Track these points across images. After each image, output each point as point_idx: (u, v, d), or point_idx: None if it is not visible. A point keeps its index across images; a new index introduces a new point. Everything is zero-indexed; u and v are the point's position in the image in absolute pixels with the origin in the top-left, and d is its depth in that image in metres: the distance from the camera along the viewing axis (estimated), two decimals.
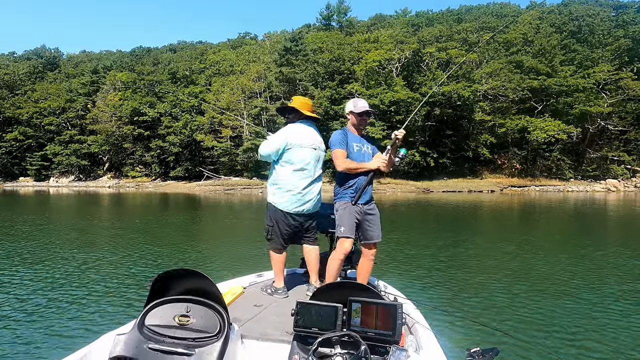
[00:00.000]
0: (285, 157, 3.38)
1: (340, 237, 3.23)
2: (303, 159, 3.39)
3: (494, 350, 1.99)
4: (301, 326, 2.11)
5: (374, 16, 69.25)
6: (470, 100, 38.90)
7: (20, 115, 55.33)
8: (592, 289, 6.05)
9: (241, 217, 17.93)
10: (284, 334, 2.45)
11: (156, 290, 2.14)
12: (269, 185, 3.52)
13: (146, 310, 2.04)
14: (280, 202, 3.41)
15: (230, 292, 3.17)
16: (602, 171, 40.79)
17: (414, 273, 6.97)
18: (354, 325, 2.07)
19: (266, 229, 3.50)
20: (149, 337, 1.96)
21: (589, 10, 49.45)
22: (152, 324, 2.00)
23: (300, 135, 3.42)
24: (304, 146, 3.41)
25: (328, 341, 1.99)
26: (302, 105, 3.54)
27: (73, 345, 3.82)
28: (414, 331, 2.59)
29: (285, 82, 42.72)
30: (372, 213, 3.38)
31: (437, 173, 40.38)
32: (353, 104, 3.47)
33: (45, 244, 9.62)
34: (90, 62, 71.76)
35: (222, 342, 1.95)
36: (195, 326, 1.99)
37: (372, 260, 3.37)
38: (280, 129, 3.54)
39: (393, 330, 2.03)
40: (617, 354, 3.93)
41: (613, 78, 40.56)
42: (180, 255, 8.37)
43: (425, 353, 2.24)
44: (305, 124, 3.52)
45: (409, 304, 3.09)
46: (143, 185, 47.45)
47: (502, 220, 16.89)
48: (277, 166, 3.43)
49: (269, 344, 2.39)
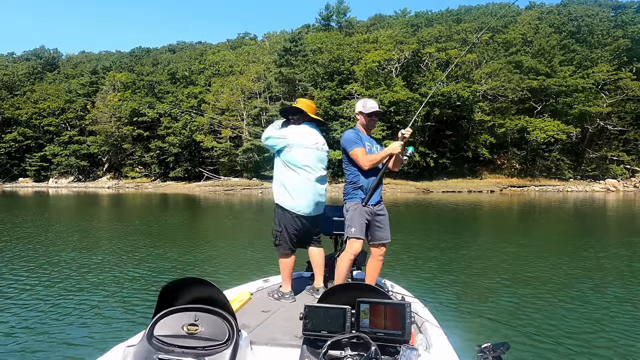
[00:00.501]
0: (289, 157, 3.35)
1: (351, 237, 3.20)
2: (307, 160, 3.37)
3: (505, 345, 1.96)
4: (310, 330, 2.10)
5: (374, 16, 69.33)
6: (469, 101, 38.97)
7: (19, 116, 55.26)
8: (595, 285, 6.14)
9: (242, 218, 17.93)
10: (293, 339, 2.44)
11: (164, 300, 2.14)
12: (276, 186, 3.46)
13: (155, 321, 2.03)
14: (289, 203, 3.37)
15: (237, 298, 3.16)
16: (602, 171, 40.88)
17: (419, 272, 7.00)
18: (363, 326, 2.06)
19: (274, 235, 3.43)
20: (158, 347, 1.96)
21: (588, 10, 49.56)
22: (161, 334, 2.00)
23: (303, 136, 3.41)
24: (307, 147, 3.39)
25: (338, 343, 1.99)
26: (308, 108, 3.53)
27: (80, 357, 3.80)
28: (424, 330, 2.59)
29: (284, 82, 42.73)
30: (381, 214, 3.37)
31: (437, 173, 40.42)
32: (362, 104, 3.46)
33: (47, 248, 9.59)
34: (89, 62, 71.70)
35: (231, 350, 1.94)
36: (204, 335, 1.98)
37: (380, 261, 3.36)
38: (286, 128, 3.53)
39: (402, 330, 2.03)
40: (624, 347, 3.99)
41: (612, 78, 40.66)
42: (184, 260, 8.31)
43: (435, 351, 2.24)
44: (309, 125, 3.51)
45: (417, 302, 3.09)
46: (142, 186, 47.41)
47: (502, 220, 16.92)
48: (283, 167, 3.40)
49: (279, 349, 2.39)
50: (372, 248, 3.37)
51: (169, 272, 7.12)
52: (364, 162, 3.26)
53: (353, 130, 3.45)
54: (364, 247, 3.40)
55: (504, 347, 1.95)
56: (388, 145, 3.38)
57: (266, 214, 17.81)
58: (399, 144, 3.29)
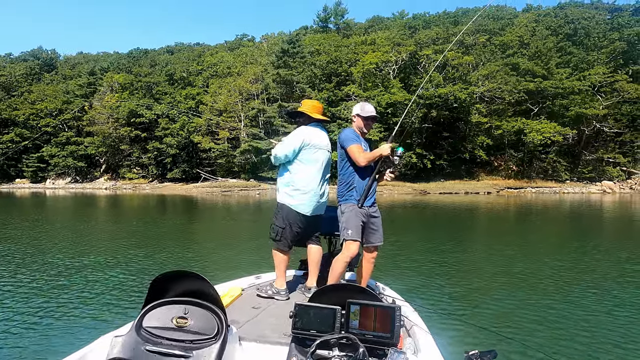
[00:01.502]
0: (303, 157, 3.38)
1: (347, 240, 3.20)
2: (318, 160, 3.42)
3: (492, 353, 1.95)
4: (299, 328, 2.10)
5: (371, 18, 69.42)
6: (466, 103, 39.09)
7: (16, 116, 55.07)
8: (590, 291, 6.11)
9: (239, 218, 17.95)
10: (282, 336, 2.44)
11: (154, 292, 2.13)
12: (282, 186, 3.46)
13: (144, 312, 2.03)
14: (297, 203, 3.38)
15: (228, 293, 3.16)
16: (598, 173, 41.04)
17: (412, 275, 7.00)
18: (353, 327, 2.06)
19: (276, 230, 3.40)
20: (146, 339, 1.95)
21: (585, 13, 49.83)
22: (149, 326, 1.99)
23: (315, 136, 3.45)
24: (319, 147, 3.44)
25: (326, 343, 1.98)
26: (312, 109, 3.57)
27: (70, 347, 3.78)
28: (412, 334, 2.58)
29: (282, 84, 42.77)
30: (375, 216, 3.39)
31: (434, 175, 40.51)
32: (361, 107, 3.48)
33: (42, 246, 9.61)
34: (87, 63, 71.58)
35: (220, 344, 1.94)
36: (193, 328, 1.98)
37: (372, 263, 3.37)
38: (293, 131, 3.56)
39: (391, 333, 2.02)
40: (615, 354, 3.98)
41: (608, 80, 40.85)
42: (178, 257, 8.38)
43: (423, 355, 2.23)
44: (316, 126, 3.55)
45: (408, 306, 3.09)
46: (140, 187, 47.32)
47: (499, 222, 16.97)
48: (293, 167, 3.41)
49: (267, 346, 2.39)
50: (365, 251, 3.37)
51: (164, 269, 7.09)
52: (361, 158, 3.27)
53: (350, 128, 3.48)
54: None
55: (491, 354, 1.94)
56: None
57: (263, 214, 17.85)
58: (388, 145, 3.32)
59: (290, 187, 3.39)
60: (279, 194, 3.48)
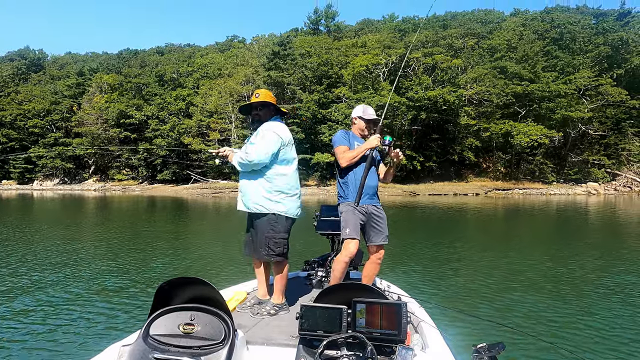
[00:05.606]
0: (283, 157, 3.05)
1: (345, 238, 3.16)
2: (295, 158, 3.18)
3: (500, 345, 1.96)
4: (306, 329, 2.10)
5: (362, 21, 69.99)
6: (455, 105, 39.58)
7: (3, 117, 54.35)
8: (591, 286, 6.33)
9: (232, 220, 17.99)
10: (289, 338, 2.43)
11: (160, 299, 2.13)
12: (271, 195, 3.02)
13: (150, 320, 2.02)
14: (288, 209, 3.07)
15: (233, 298, 3.13)
16: (584, 174, 41.82)
17: (416, 272, 7.11)
18: (359, 326, 2.06)
19: (282, 244, 3.05)
20: (154, 346, 1.94)
21: (571, 18, 50.75)
22: (156, 334, 1.98)
23: (286, 132, 3.12)
24: (292, 143, 3.17)
25: (334, 343, 1.99)
26: (274, 99, 3.23)
27: (76, 358, 3.80)
28: (420, 330, 2.58)
29: (273, 85, 42.85)
30: (378, 215, 3.33)
31: (424, 176, 40.94)
32: (362, 109, 3.48)
33: (36, 250, 9.53)
34: (75, 64, 70.92)
35: (227, 349, 1.94)
36: (200, 334, 1.98)
37: (377, 263, 3.29)
38: (264, 129, 3.08)
39: (398, 330, 2.03)
40: (619, 345, 4.09)
41: (593, 84, 41.69)
42: (179, 260, 8.35)
43: (431, 351, 2.23)
44: (278, 120, 3.20)
45: (413, 302, 3.07)
46: (129, 189, 46.99)
47: (491, 222, 17.23)
48: (276, 170, 3.03)
49: (275, 348, 2.38)
50: (369, 251, 3.33)
51: (165, 275, 7.13)
52: (342, 159, 3.29)
53: (344, 131, 3.48)
54: (360, 247, 3.35)
55: (499, 347, 1.96)
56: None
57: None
58: (375, 136, 3.30)
59: (279, 193, 3.01)
60: (269, 204, 3.01)
